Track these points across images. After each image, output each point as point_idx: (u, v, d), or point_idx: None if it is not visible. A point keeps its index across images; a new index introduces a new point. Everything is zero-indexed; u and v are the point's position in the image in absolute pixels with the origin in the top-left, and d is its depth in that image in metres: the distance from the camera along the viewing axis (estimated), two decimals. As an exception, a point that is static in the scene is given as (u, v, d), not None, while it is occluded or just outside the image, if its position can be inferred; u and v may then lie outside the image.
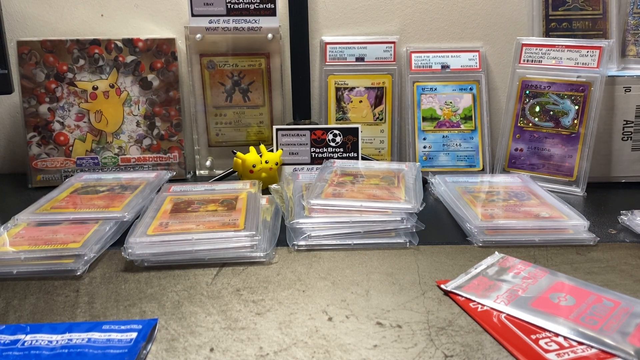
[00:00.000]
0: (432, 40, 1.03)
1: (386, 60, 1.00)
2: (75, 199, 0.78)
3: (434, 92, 0.99)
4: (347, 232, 0.68)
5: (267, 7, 0.94)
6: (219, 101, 0.99)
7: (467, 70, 1.00)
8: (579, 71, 0.89)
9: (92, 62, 0.93)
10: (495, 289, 0.55)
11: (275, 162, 0.88)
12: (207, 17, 0.94)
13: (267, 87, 0.99)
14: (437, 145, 0.98)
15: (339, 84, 1.01)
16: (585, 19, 0.97)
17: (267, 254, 0.63)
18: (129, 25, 0.99)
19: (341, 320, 0.51)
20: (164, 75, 0.95)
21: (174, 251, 0.63)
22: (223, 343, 0.48)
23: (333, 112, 1.01)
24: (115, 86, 0.94)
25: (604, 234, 0.71)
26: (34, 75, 0.92)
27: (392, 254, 0.65)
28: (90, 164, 0.95)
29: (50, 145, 0.94)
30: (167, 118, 0.96)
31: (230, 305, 0.54)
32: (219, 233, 0.64)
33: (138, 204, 0.75)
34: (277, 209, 0.76)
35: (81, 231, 0.67)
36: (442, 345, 0.47)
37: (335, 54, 1.01)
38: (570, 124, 0.89)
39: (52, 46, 0.92)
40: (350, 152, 0.91)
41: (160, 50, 0.94)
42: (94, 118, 0.94)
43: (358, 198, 0.72)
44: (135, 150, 0.96)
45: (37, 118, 0.93)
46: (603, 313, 0.50)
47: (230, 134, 1.00)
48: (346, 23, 1.02)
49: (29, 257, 0.61)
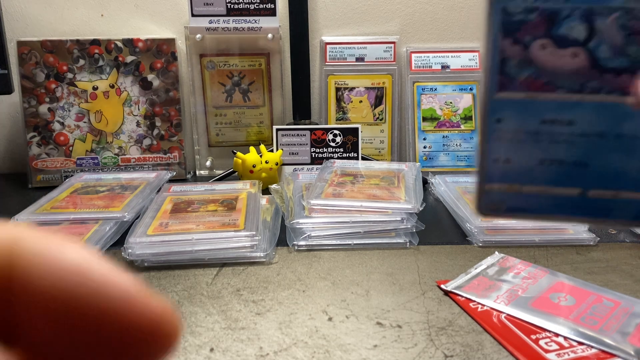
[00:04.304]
0: (432, 40, 1.03)
1: (386, 60, 1.00)
2: (75, 199, 0.78)
3: (434, 92, 0.99)
4: (347, 232, 0.68)
5: (267, 7, 0.94)
6: (219, 101, 0.99)
7: (467, 71, 1.00)
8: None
9: (92, 62, 0.93)
10: (495, 289, 0.55)
11: (275, 162, 0.88)
12: (207, 17, 0.94)
13: (267, 87, 0.99)
14: (437, 145, 0.98)
15: (339, 84, 1.01)
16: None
17: (267, 254, 0.63)
18: (129, 26, 0.99)
19: (341, 320, 0.51)
20: (164, 76, 0.95)
21: (174, 251, 0.63)
22: (223, 343, 0.48)
23: (333, 112, 1.01)
24: (115, 86, 0.94)
25: (604, 234, 0.71)
26: (34, 76, 0.92)
27: (392, 254, 0.65)
28: (90, 164, 0.95)
29: (50, 146, 0.94)
30: (167, 118, 0.96)
31: (230, 305, 0.54)
32: (219, 233, 0.64)
33: (138, 204, 0.75)
34: (277, 209, 0.76)
35: (81, 231, 0.67)
36: (442, 345, 0.47)
37: (335, 54, 1.01)
38: (571, 124, 0.90)
39: (52, 46, 0.92)
40: (350, 152, 0.91)
41: (160, 51, 0.94)
42: (94, 118, 0.94)
43: (358, 198, 0.72)
44: (135, 150, 0.96)
45: (37, 118, 0.93)
46: (603, 313, 0.50)
47: (230, 134, 1.00)
48: (346, 23, 1.02)
49: (29, 257, 0.61)
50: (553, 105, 0.25)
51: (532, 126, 0.25)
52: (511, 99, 0.25)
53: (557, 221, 0.25)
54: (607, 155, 0.24)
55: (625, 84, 0.25)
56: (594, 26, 0.25)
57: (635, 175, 0.24)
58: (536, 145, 0.25)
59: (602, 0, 0.25)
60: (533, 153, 0.25)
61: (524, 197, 0.25)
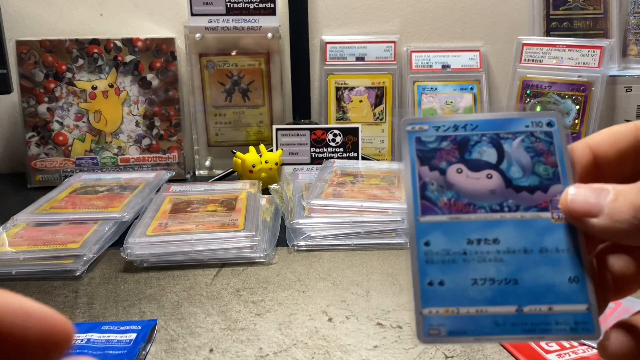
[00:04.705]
0: (433, 39, 1.03)
1: (386, 59, 1.00)
2: (75, 199, 0.78)
3: (435, 92, 0.99)
4: (347, 232, 0.68)
5: (266, 6, 0.94)
6: (219, 101, 0.99)
7: (467, 70, 1.00)
8: (579, 71, 0.89)
9: (91, 61, 0.93)
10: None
11: (275, 162, 0.88)
12: (207, 17, 0.94)
13: (266, 87, 0.99)
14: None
15: (339, 83, 1.00)
16: (586, 18, 0.97)
17: (266, 255, 0.63)
18: (128, 25, 0.99)
19: (341, 321, 0.51)
20: (163, 75, 0.94)
21: (174, 251, 0.62)
22: (223, 344, 0.47)
23: (333, 111, 1.01)
24: (115, 86, 0.94)
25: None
26: (33, 75, 0.92)
27: (393, 254, 0.65)
28: (89, 164, 0.95)
29: (49, 145, 0.93)
30: (167, 118, 0.95)
31: (230, 305, 0.54)
32: (219, 233, 0.63)
33: (137, 204, 0.75)
34: (277, 209, 0.76)
35: (80, 231, 0.67)
36: (442, 345, 0.47)
37: (335, 53, 1.00)
38: (571, 123, 0.89)
39: (51, 46, 0.92)
40: (350, 152, 0.90)
41: (160, 50, 0.94)
42: (93, 118, 0.94)
43: (358, 198, 0.72)
44: (134, 150, 0.96)
45: (36, 118, 0.92)
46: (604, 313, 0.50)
47: (229, 134, 1.00)
48: (346, 22, 1.02)
49: (28, 257, 0.61)
50: (477, 225, 0.26)
51: (459, 247, 0.26)
52: (436, 222, 0.26)
53: (500, 341, 0.25)
54: (535, 269, 0.25)
55: (540, 201, 0.26)
56: (502, 150, 0.27)
57: (564, 288, 0.25)
58: (466, 266, 0.25)
59: (506, 127, 0.28)
60: (465, 273, 0.25)
61: (463, 319, 0.25)
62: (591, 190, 0.25)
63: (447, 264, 0.26)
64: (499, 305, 0.25)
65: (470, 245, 0.26)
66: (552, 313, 0.25)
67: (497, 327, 0.25)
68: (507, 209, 0.26)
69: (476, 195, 0.27)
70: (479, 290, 0.25)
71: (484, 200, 0.27)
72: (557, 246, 0.26)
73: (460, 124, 0.28)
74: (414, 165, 0.27)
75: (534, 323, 0.25)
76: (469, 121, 0.28)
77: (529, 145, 0.27)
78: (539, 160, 0.27)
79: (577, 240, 0.26)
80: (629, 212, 0.24)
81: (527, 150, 0.27)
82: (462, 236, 0.26)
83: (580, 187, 0.26)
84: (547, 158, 0.27)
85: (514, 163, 0.27)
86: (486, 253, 0.26)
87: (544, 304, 0.25)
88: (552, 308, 0.25)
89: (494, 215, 0.26)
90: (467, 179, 0.27)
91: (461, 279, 0.25)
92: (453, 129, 0.28)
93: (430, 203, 0.26)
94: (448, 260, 0.26)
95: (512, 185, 0.27)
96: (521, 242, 0.26)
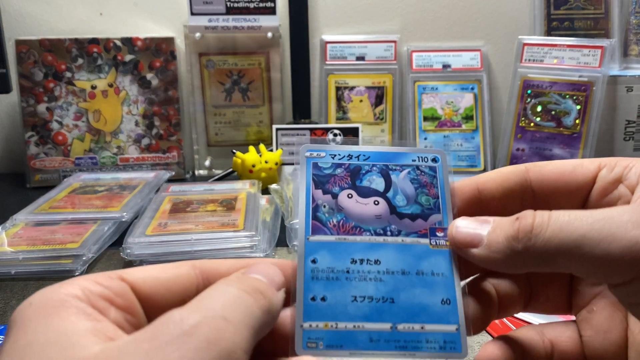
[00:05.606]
0: (433, 39, 1.02)
1: (387, 59, 1.00)
2: (74, 198, 0.77)
3: (435, 92, 0.99)
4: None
5: (266, 5, 0.94)
6: (218, 100, 0.98)
7: (468, 70, 0.99)
8: (580, 71, 0.88)
9: (90, 61, 0.93)
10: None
11: (275, 162, 0.87)
12: (207, 16, 0.94)
13: (266, 87, 0.99)
14: (438, 145, 0.98)
15: (339, 83, 1.00)
16: (587, 18, 0.97)
17: (266, 255, 0.63)
18: (127, 24, 0.99)
19: (342, 322, 0.51)
20: (163, 75, 0.94)
21: (173, 251, 0.62)
22: (222, 345, 0.47)
23: (333, 111, 1.01)
24: (114, 85, 0.94)
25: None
26: (32, 75, 0.91)
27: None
28: (88, 164, 0.95)
29: (49, 145, 0.93)
30: (166, 117, 0.95)
31: (230, 306, 0.54)
32: (218, 233, 0.63)
33: (137, 204, 0.75)
34: (276, 209, 0.76)
35: (79, 231, 0.66)
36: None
37: (336, 53, 1.00)
38: (572, 123, 0.89)
39: (51, 45, 0.91)
40: (350, 151, 0.90)
41: (159, 49, 0.93)
42: (92, 117, 0.94)
43: None
44: (134, 149, 0.95)
45: (36, 117, 0.92)
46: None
47: (229, 134, 1.00)
48: (346, 22, 1.01)
49: (27, 257, 0.61)
50: (361, 246, 0.28)
51: (343, 265, 0.28)
52: (324, 241, 0.28)
53: (373, 357, 0.26)
54: (411, 290, 0.27)
55: (421, 228, 0.29)
56: (390, 179, 0.30)
57: (436, 309, 0.27)
58: (348, 283, 0.27)
59: (395, 159, 0.31)
60: (346, 290, 0.27)
61: (341, 334, 0.26)
62: (475, 221, 0.27)
63: (331, 281, 0.27)
64: (375, 322, 0.27)
65: (354, 264, 0.28)
66: (424, 332, 0.27)
67: (372, 343, 0.26)
68: (389, 233, 0.29)
69: (363, 219, 0.29)
70: (358, 307, 0.27)
71: (370, 224, 0.29)
72: (433, 270, 0.28)
73: (354, 154, 0.31)
74: (309, 188, 0.29)
75: (407, 340, 0.27)
76: (362, 152, 0.31)
77: (414, 177, 0.30)
78: (422, 191, 0.30)
79: (452, 266, 0.28)
80: (504, 242, 0.26)
81: (412, 181, 0.30)
82: (347, 256, 0.28)
83: (466, 219, 0.28)
84: (430, 190, 0.30)
85: (400, 192, 0.30)
86: (367, 272, 0.28)
87: (417, 323, 0.27)
88: (424, 327, 0.27)
89: (378, 238, 0.28)
90: (356, 203, 0.29)
91: (342, 296, 0.27)
92: (347, 158, 0.31)
93: (320, 224, 0.29)
94: (332, 278, 0.27)
95: (397, 212, 0.29)
96: (400, 265, 0.28)
